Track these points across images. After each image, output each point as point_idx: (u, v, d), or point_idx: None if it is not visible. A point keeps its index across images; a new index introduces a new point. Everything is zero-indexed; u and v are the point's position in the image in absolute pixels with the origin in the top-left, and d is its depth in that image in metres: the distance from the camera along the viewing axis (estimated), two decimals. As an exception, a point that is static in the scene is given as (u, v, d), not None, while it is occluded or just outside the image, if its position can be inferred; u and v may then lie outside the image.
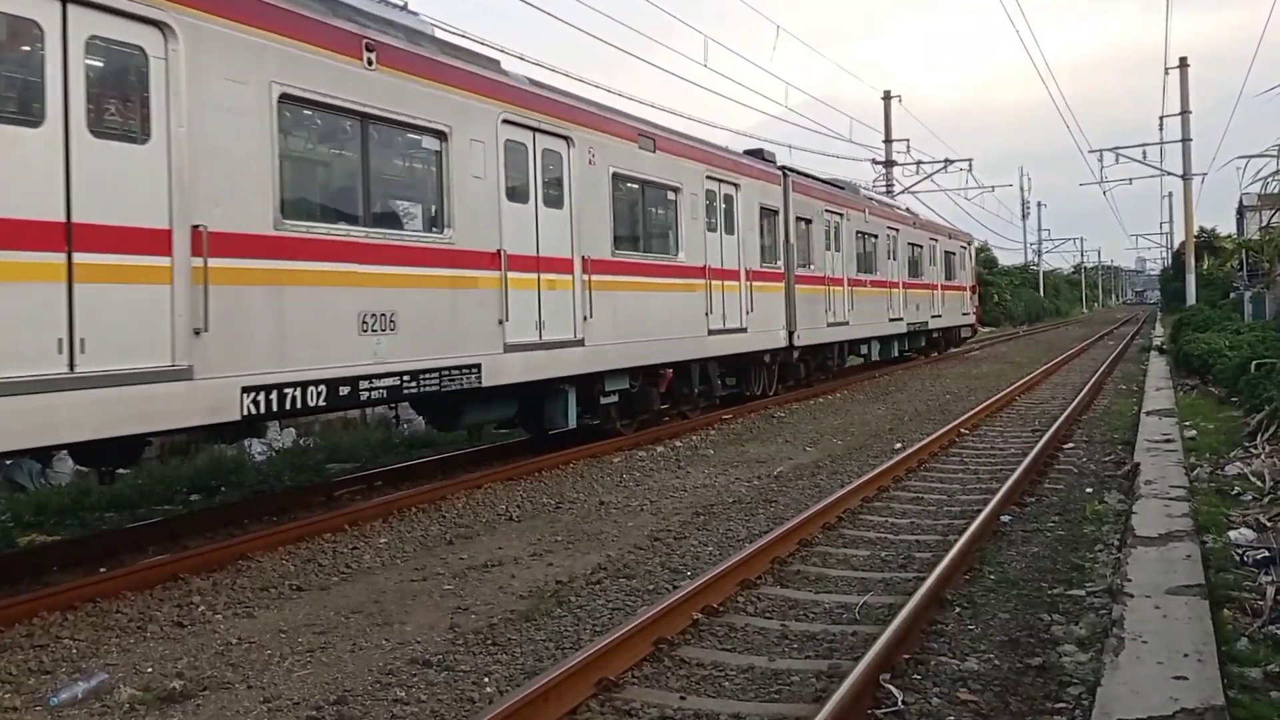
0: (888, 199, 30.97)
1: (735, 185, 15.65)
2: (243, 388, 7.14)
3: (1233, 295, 37.14)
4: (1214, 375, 17.36)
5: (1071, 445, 12.29)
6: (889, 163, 41.09)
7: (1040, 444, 11.32)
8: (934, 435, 12.40)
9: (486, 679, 5.03)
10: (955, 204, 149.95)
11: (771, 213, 17.38)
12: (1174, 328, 31.68)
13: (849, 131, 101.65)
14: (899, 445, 12.30)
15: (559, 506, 9.35)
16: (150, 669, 5.33)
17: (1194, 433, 11.96)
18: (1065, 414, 14.24)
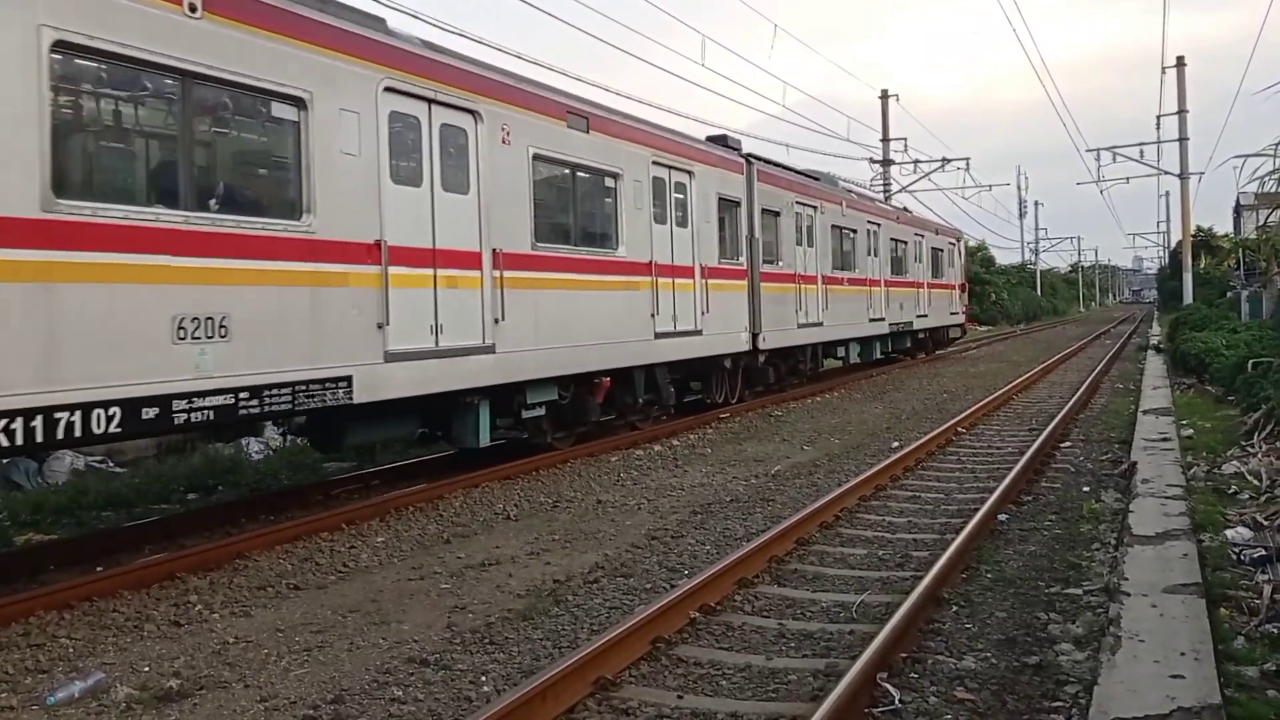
0: (868, 191, 29.49)
1: (688, 173, 14.27)
2: None
3: (1230, 294, 37.17)
4: (1211, 374, 17.39)
5: (1069, 444, 12.31)
6: (886, 161, 41.17)
7: (1037, 443, 11.33)
8: (931, 434, 12.41)
9: (484, 678, 5.03)
10: (953, 203, 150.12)
11: (733, 204, 15.94)
12: (1171, 327, 31.72)
13: (846, 131, 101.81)
14: (896, 444, 12.31)
15: (556, 505, 9.36)
16: (147, 668, 5.33)
17: (1191, 431, 11.97)
18: (1062, 413, 14.26)
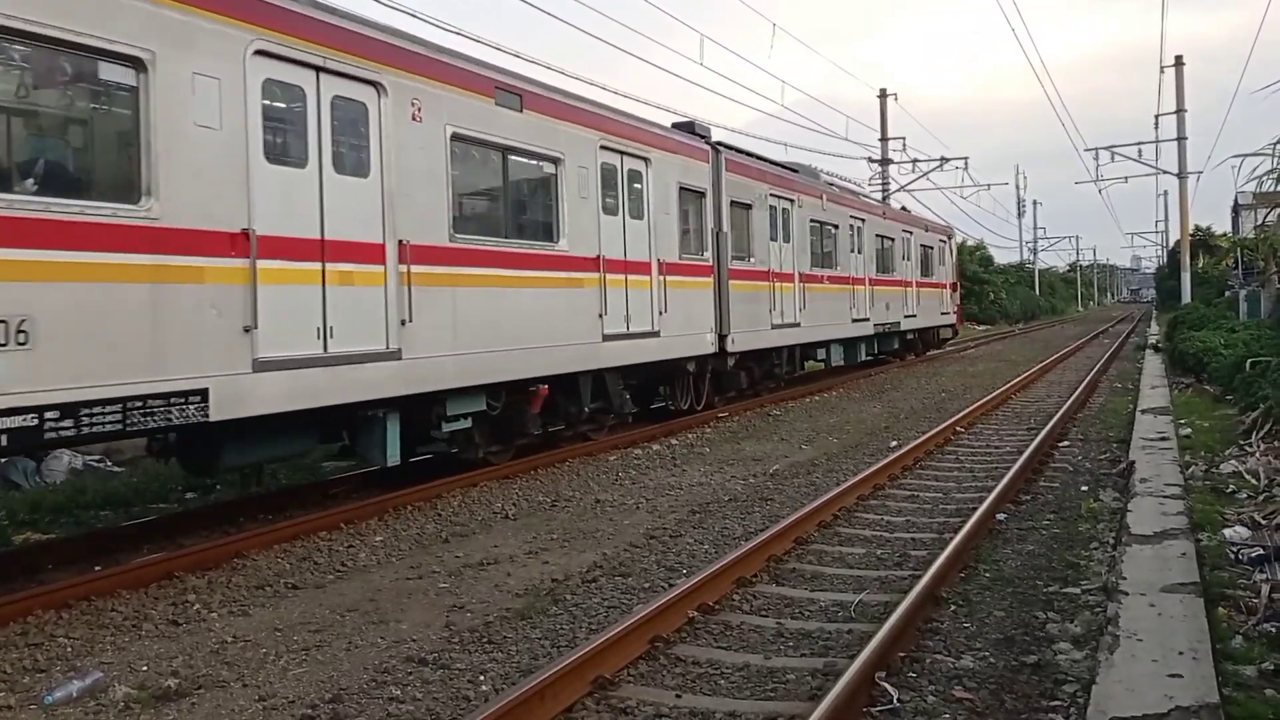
0: (852, 185, 28.35)
1: (644, 160, 13.14)
2: None
3: (1228, 294, 37.21)
4: (1209, 373, 17.39)
5: (1067, 443, 12.31)
6: (885, 161, 41.18)
7: (1036, 442, 11.33)
8: (930, 433, 12.42)
9: (482, 677, 5.03)
10: (951, 202, 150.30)
11: (697, 195, 14.78)
12: (1169, 326, 31.73)
13: (845, 130, 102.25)
14: (895, 443, 12.31)
15: (555, 505, 9.35)
16: (145, 667, 5.33)
17: (1189, 431, 11.98)
18: (1061, 412, 14.26)
